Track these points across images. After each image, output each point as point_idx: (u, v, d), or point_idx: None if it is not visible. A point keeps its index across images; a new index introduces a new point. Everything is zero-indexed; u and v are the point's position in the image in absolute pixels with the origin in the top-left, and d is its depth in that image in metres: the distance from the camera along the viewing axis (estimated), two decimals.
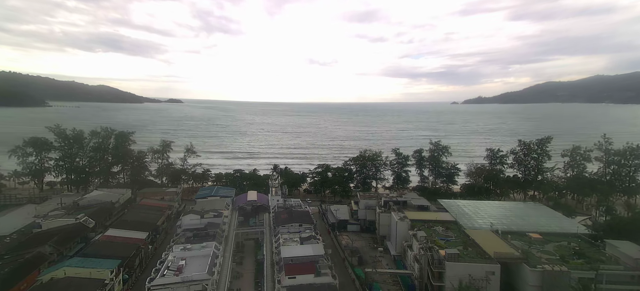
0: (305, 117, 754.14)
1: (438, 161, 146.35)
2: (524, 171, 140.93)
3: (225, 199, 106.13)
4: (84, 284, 58.05)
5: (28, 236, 79.78)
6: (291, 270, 61.05)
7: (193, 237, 76.89)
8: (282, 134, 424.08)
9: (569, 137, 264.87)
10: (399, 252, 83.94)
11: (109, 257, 67.38)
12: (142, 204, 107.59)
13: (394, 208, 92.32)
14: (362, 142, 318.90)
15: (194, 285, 56.94)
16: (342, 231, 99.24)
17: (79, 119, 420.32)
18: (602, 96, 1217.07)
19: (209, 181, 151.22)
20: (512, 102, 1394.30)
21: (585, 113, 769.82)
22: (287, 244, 71.42)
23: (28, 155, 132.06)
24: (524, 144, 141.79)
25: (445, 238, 74.20)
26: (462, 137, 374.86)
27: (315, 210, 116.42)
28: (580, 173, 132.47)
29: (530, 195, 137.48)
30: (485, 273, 59.79)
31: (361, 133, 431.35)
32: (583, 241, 73.88)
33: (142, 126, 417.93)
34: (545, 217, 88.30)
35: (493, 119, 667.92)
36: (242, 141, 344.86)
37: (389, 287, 71.99)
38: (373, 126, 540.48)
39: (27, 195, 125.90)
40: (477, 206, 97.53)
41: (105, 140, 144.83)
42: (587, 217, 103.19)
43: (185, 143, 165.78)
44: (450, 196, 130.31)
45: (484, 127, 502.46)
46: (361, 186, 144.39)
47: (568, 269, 59.13)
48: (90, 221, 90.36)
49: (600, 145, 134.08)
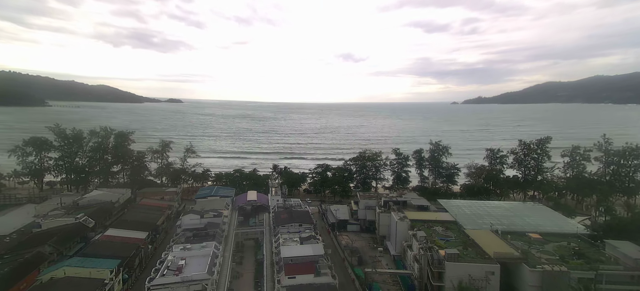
0: (357, 119, 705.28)
1: (438, 161, 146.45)
2: (524, 171, 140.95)
3: (225, 199, 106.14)
4: (84, 284, 58.11)
5: (28, 236, 79.80)
6: (291, 270, 61.11)
7: (193, 237, 76.91)
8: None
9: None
10: (398, 252, 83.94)
11: (109, 257, 67.41)
12: (141, 204, 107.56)
13: (393, 208, 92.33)
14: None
15: (194, 285, 56.94)
16: (342, 231, 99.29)
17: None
18: (602, 96, 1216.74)
19: (208, 181, 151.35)
20: (512, 103, 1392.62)
21: (607, 115, 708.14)
22: (287, 244, 71.45)
23: (28, 155, 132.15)
24: (524, 144, 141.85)
25: (445, 238, 74.23)
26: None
27: (315, 210, 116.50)
28: (580, 173, 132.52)
29: (530, 195, 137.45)
30: (485, 273, 59.84)
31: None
32: (583, 241, 73.90)
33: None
34: (545, 217, 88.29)
35: (511, 119, 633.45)
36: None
37: (389, 287, 72.03)
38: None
39: (27, 195, 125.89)
40: (477, 206, 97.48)
41: (105, 140, 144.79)
42: (586, 217, 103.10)
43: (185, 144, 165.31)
44: (450, 196, 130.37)
45: (530, 132, 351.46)
46: (361, 186, 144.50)
47: (568, 269, 59.20)
48: (90, 221, 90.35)
49: (599, 145, 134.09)
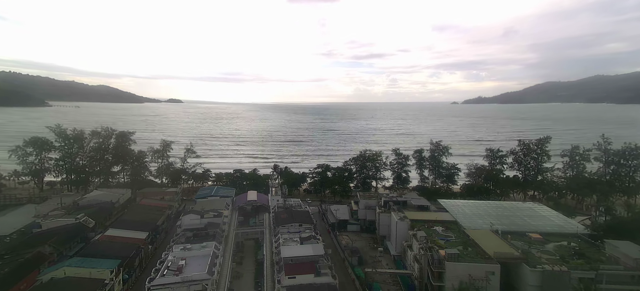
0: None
1: (438, 161, 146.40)
2: (524, 171, 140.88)
3: (225, 199, 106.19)
4: (84, 284, 58.11)
5: (28, 236, 79.86)
6: (291, 270, 61.09)
7: (193, 237, 76.97)
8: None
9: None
10: (399, 252, 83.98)
11: (109, 257, 67.41)
12: (142, 204, 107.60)
13: (394, 208, 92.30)
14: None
15: (194, 285, 56.93)
16: (342, 231, 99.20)
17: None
18: (602, 96, 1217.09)
19: (209, 181, 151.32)
20: (512, 102, 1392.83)
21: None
22: (287, 244, 71.42)
23: (28, 155, 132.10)
24: (524, 144, 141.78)
25: (445, 238, 74.19)
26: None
27: (315, 210, 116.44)
28: (580, 173, 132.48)
29: (530, 195, 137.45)
30: (485, 273, 59.82)
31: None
32: (583, 241, 73.84)
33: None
34: (545, 217, 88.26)
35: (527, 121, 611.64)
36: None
37: (389, 287, 71.99)
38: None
39: (27, 195, 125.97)
40: (477, 206, 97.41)
41: (105, 140, 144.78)
42: (587, 217, 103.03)
43: (186, 143, 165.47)
44: (450, 196, 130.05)
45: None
46: (361, 186, 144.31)
47: (568, 269, 59.20)
48: (90, 221, 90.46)
49: (599, 145, 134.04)
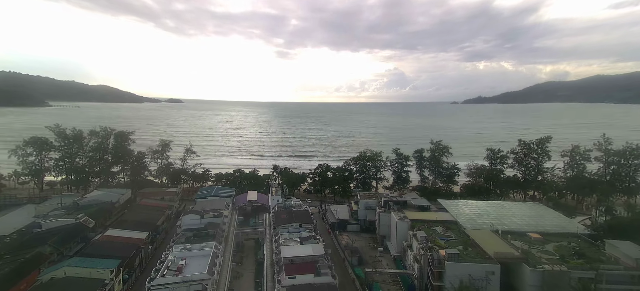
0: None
1: (438, 161, 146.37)
2: (524, 171, 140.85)
3: (225, 199, 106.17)
4: (84, 284, 58.13)
5: (28, 236, 79.77)
6: (291, 270, 61.06)
7: (193, 237, 76.88)
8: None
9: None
10: (399, 252, 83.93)
11: (109, 257, 67.42)
12: (142, 204, 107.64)
13: (394, 208, 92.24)
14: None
15: (194, 285, 56.88)
16: (342, 231, 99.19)
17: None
18: (602, 96, 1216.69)
19: (209, 181, 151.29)
20: (512, 102, 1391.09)
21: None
22: (287, 244, 71.39)
23: (28, 155, 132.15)
24: (524, 144, 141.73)
25: (445, 238, 74.12)
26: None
27: (315, 210, 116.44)
28: (580, 172, 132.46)
29: (530, 195, 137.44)
30: (485, 273, 59.83)
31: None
32: (583, 241, 73.84)
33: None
34: (545, 217, 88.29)
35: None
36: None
37: (389, 287, 71.98)
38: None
39: (27, 195, 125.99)
40: (477, 206, 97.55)
41: (105, 140, 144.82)
42: (587, 217, 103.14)
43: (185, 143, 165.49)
44: (450, 196, 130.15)
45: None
46: (361, 186, 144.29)
47: (568, 269, 59.19)
48: (90, 221, 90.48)
49: (599, 145, 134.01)
